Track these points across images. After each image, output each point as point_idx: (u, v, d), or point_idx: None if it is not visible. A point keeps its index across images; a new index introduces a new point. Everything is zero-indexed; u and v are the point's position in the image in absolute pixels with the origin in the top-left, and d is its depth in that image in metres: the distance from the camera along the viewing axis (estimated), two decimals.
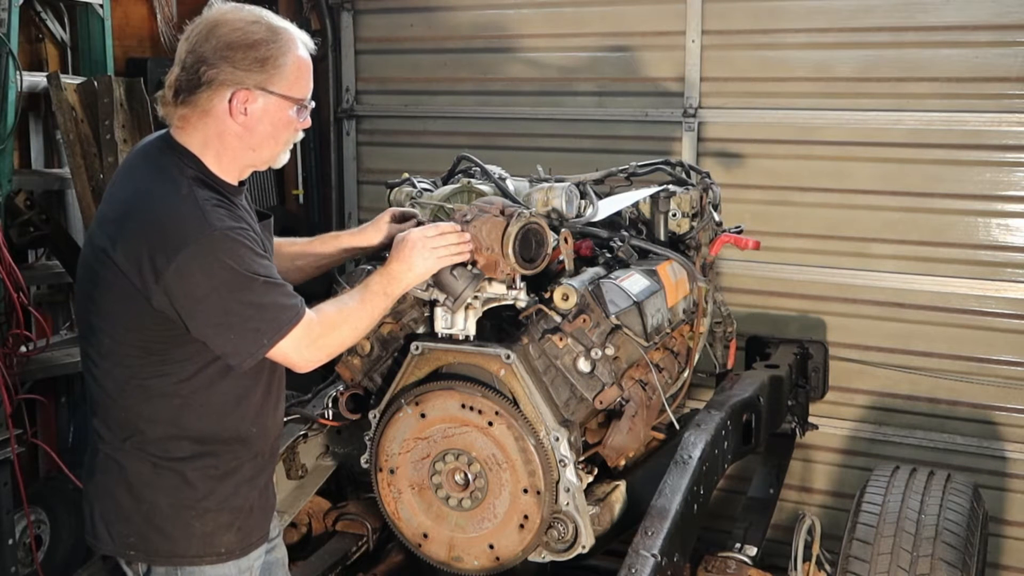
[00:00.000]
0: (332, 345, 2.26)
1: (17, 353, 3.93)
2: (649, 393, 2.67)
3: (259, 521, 2.33)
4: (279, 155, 2.26)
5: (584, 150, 5.05)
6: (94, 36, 4.49)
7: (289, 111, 2.18)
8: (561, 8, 5.13)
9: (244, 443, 2.25)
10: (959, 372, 4.53)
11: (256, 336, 2.11)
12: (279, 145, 2.23)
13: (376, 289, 2.34)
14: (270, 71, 2.13)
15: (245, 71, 2.11)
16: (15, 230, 4.10)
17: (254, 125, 2.16)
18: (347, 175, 5.76)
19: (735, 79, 4.79)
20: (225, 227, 2.07)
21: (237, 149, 2.18)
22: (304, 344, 2.17)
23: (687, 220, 3.26)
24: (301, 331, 2.15)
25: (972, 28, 4.33)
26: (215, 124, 2.15)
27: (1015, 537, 4.54)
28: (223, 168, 2.19)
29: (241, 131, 2.16)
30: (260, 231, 2.24)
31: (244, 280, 2.07)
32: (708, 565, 2.94)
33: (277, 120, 2.18)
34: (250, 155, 2.21)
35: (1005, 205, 4.41)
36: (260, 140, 2.19)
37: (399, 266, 2.38)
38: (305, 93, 2.21)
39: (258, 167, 2.26)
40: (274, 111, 2.16)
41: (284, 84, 2.16)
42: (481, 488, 2.60)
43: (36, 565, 4.06)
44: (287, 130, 2.21)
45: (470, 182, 3.15)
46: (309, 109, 2.24)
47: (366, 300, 2.32)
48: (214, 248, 2.04)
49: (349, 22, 5.63)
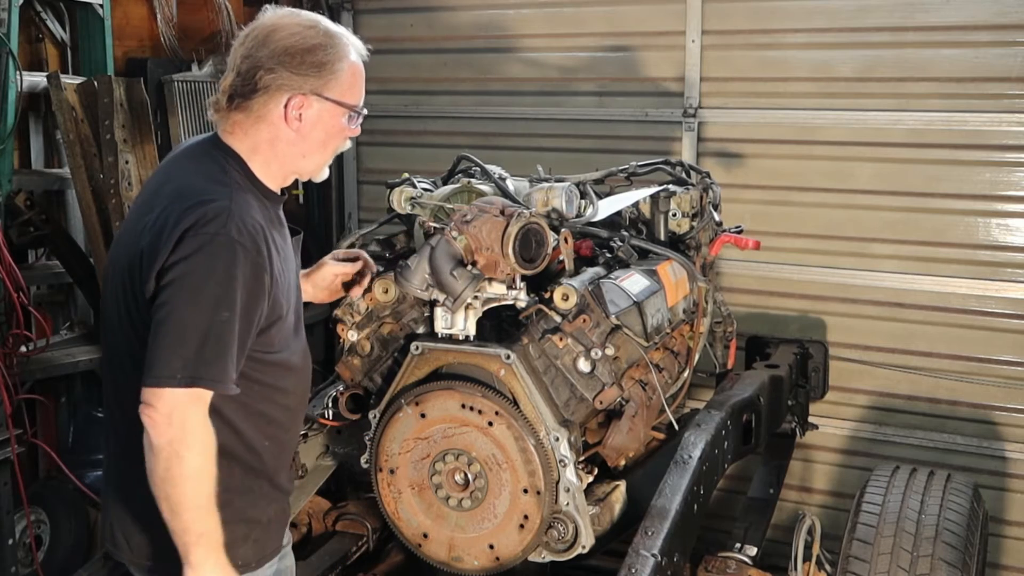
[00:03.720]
0: (189, 451, 1.94)
1: (17, 353, 3.92)
2: (649, 393, 2.67)
3: (275, 533, 2.30)
4: (324, 165, 2.23)
5: (584, 150, 5.05)
6: (94, 36, 4.49)
7: (342, 118, 2.16)
8: (561, 8, 5.13)
9: (261, 456, 2.19)
10: (959, 372, 4.53)
11: (180, 364, 1.92)
12: (327, 153, 2.21)
13: (206, 528, 1.98)
14: (327, 77, 2.11)
15: (302, 76, 2.09)
16: (15, 230, 4.10)
17: (308, 131, 2.14)
18: (347, 175, 5.77)
19: (735, 79, 4.79)
20: (251, 239, 1.99)
21: (287, 156, 2.16)
22: (180, 422, 1.92)
23: (687, 220, 3.26)
24: (197, 408, 1.94)
25: (972, 28, 4.33)
26: (268, 130, 2.12)
27: (1015, 537, 4.54)
28: (269, 175, 2.17)
29: (294, 137, 2.13)
30: (287, 246, 2.21)
31: (226, 301, 1.95)
32: (708, 565, 2.94)
33: (331, 127, 2.16)
34: (300, 162, 2.18)
35: (1005, 205, 4.41)
36: (311, 147, 2.17)
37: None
38: (358, 100, 2.19)
39: (302, 176, 2.24)
40: (328, 118, 2.15)
41: (339, 90, 2.14)
42: (481, 488, 2.60)
43: (36, 565, 4.06)
44: (338, 138, 2.20)
45: (470, 182, 3.15)
46: (361, 117, 2.22)
47: (204, 505, 1.97)
48: (232, 249, 1.96)
49: (349, 22, 5.62)
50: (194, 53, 5.07)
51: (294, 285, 2.25)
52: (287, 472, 2.33)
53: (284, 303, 2.14)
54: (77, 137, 4.18)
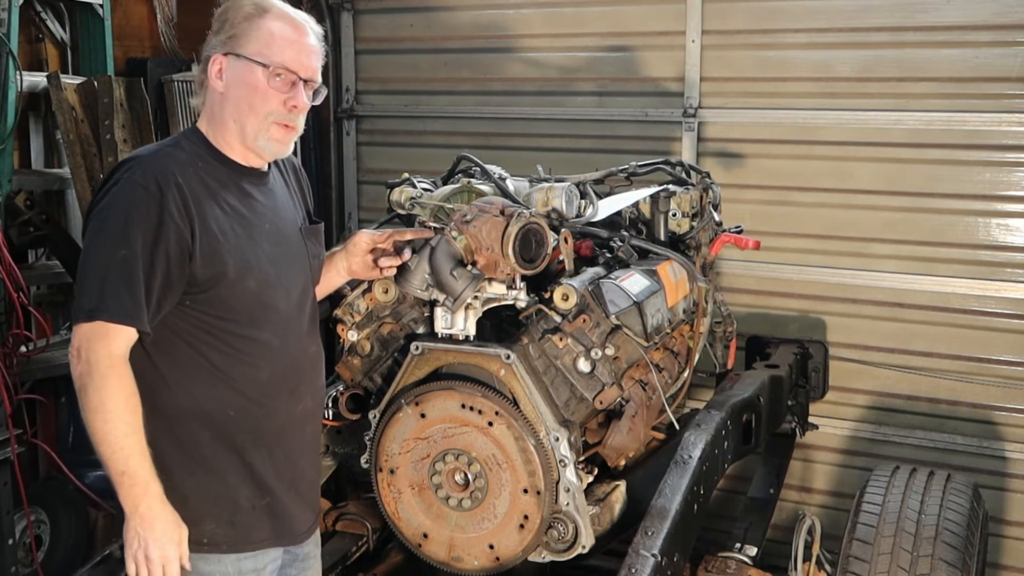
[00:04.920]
0: (91, 383, 2.00)
1: (17, 353, 3.92)
2: (649, 393, 2.67)
3: (257, 526, 2.26)
4: (262, 131, 2.20)
5: (584, 150, 5.05)
6: (94, 36, 4.49)
7: (261, 76, 2.17)
8: (561, 8, 5.13)
9: (226, 428, 2.18)
10: (959, 372, 4.53)
11: (85, 299, 2.04)
12: (258, 117, 2.19)
13: (130, 464, 2.02)
14: (241, 35, 2.18)
15: (220, 38, 2.20)
16: (15, 230, 4.10)
17: (232, 92, 2.20)
18: (347, 175, 5.76)
19: (735, 79, 4.79)
20: (154, 182, 2.06)
21: (223, 120, 2.22)
22: (86, 356, 2.00)
23: (687, 220, 3.26)
24: (104, 343, 2.00)
25: (972, 28, 4.33)
26: (208, 96, 2.24)
27: (1015, 537, 4.54)
28: (225, 144, 2.24)
29: (221, 98, 2.21)
30: (258, 216, 2.24)
31: (122, 239, 2.03)
32: (708, 565, 2.94)
33: (246, 84, 2.18)
34: (233, 127, 2.21)
35: (1005, 205, 4.41)
36: (239, 109, 2.20)
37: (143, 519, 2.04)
38: (277, 60, 2.18)
39: (249, 144, 2.22)
40: (246, 75, 2.18)
41: (254, 47, 2.17)
42: (481, 488, 2.60)
43: (36, 565, 4.06)
44: (263, 100, 2.18)
45: (470, 182, 3.15)
46: (291, 81, 2.20)
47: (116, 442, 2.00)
48: (131, 192, 2.06)
49: (349, 22, 5.63)
50: (194, 53, 5.07)
51: (269, 257, 2.24)
52: (271, 464, 2.27)
53: (231, 263, 2.15)
54: (77, 137, 4.18)
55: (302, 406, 2.35)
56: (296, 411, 2.33)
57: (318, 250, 2.47)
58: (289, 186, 2.45)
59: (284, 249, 2.31)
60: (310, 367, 2.38)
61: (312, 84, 2.24)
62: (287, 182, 2.45)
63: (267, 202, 2.30)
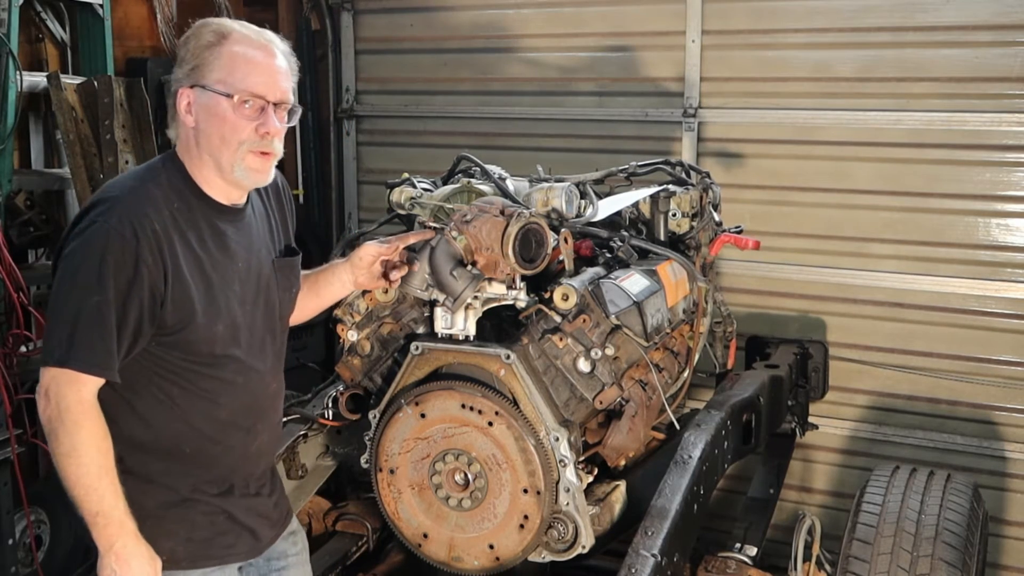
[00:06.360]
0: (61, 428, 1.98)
1: (17, 353, 3.92)
2: (649, 393, 2.67)
3: (221, 540, 2.23)
4: (238, 162, 2.12)
5: (584, 150, 5.05)
6: (94, 36, 4.49)
7: (226, 106, 2.08)
8: (561, 8, 5.13)
9: (182, 461, 2.17)
10: (959, 372, 4.53)
11: (55, 343, 1.99)
12: (231, 148, 2.10)
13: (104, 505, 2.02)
14: (201, 66, 2.10)
15: (183, 70, 2.13)
16: (15, 230, 4.10)
17: (200, 124, 2.12)
18: (347, 175, 5.77)
19: (735, 79, 4.79)
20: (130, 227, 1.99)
21: (197, 154, 2.14)
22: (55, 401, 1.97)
23: (687, 220, 3.26)
24: (73, 388, 1.97)
25: (972, 28, 4.33)
26: (181, 130, 2.16)
27: (1015, 537, 4.54)
28: (203, 179, 2.15)
29: (194, 132, 2.13)
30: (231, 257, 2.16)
31: (97, 287, 1.97)
32: (708, 565, 2.94)
33: (214, 116, 2.09)
34: (209, 161, 2.14)
35: (1005, 205, 4.41)
36: (209, 142, 2.11)
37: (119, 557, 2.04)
38: (242, 87, 2.09)
39: (228, 177, 2.15)
40: (211, 106, 2.09)
41: (215, 77, 2.09)
42: (481, 488, 2.60)
43: (36, 565, 4.06)
44: (233, 130, 2.09)
45: (470, 182, 3.15)
46: (260, 107, 2.11)
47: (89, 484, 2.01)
48: (106, 236, 1.99)
49: (349, 22, 5.63)
50: None
51: (240, 298, 2.20)
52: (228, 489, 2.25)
53: (200, 309, 2.10)
54: (77, 137, 4.18)
55: (257, 443, 2.31)
56: (251, 448, 2.29)
57: (291, 282, 2.40)
58: (269, 212, 2.37)
59: (255, 287, 2.26)
60: (269, 405, 2.34)
61: (284, 105, 2.15)
62: (267, 207, 2.37)
63: (241, 239, 2.22)
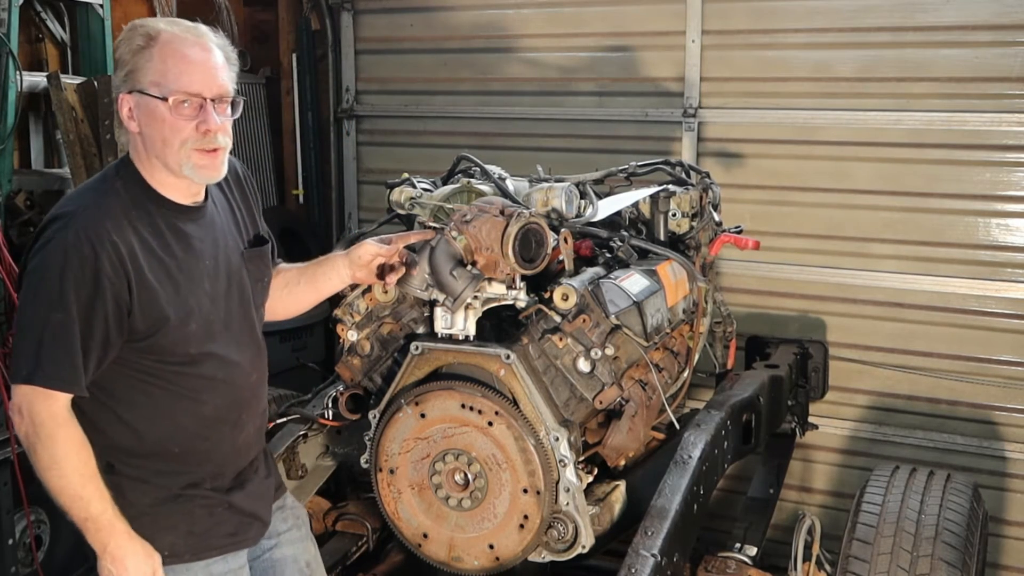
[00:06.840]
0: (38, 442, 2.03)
1: None
2: (649, 393, 2.67)
3: (222, 530, 2.25)
4: (185, 161, 2.09)
5: (584, 150, 5.05)
6: (94, 36, 4.49)
7: (162, 108, 2.05)
8: (561, 8, 5.13)
9: (173, 461, 2.18)
10: (959, 372, 4.53)
11: (23, 361, 2.01)
12: (174, 149, 2.08)
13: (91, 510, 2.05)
14: (135, 71, 2.07)
15: (119, 76, 2.10)
16: (15, 230, 4.09)
17: (143, 129, 2.09)
18: (347, 175, 5.77)
19: (735, 79, 4.79)
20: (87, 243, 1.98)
21: (148, 158, 2.13)
22: (29, 417, 2.01)
23: (687, 220, 3.26)
24: (45, 404, 2.00)
25: (972, 28, 4.33)
26: (129, 136, 2.14)
27: (1015, 537, 4.54)
28: (157, 181, 2.14)
29: (139, 137, 2.11)
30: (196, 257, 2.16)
31: (59, 303, 1.98)
32: (708, 565, 2.94)
33: (154, 120, 2.07)
34: (158, 163, 2.11)
35: (1005, 205, 4.41)
36: (153, 145, 2.09)
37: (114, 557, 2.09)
38: (175, 87, 2.05)
39: (180, 176, 2.12)
40: (150, 110, 2.06)
41: (148, 80, 2.06)
42: (481, 488, 2.60)
43: (36, 565, 4.06)
44: (172, 131, 2.07)
45: (470, 182, 3.15)
46: (198, 105, 2.07)
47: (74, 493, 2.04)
48: (64, 253, 1.98)
49: (349, 22, 5.63)
50: None
51: (211, 295, 2.19)
52: (230, 476, 2.27)
53: (171, 311, 2.10)
54: (77, 137, 4.18)
55: (244, 434, 2.32)
56: (240, 440, 2.30)
57: (263, 272, 2.39)
58: (232, 204, 2.36)
59: (225, 282, 2.25)
60: (252, 395, 2.34)
61: (225, 98, 2.12)
62: (230, 199, 2.35)
63: (205, 236, 2.22)
